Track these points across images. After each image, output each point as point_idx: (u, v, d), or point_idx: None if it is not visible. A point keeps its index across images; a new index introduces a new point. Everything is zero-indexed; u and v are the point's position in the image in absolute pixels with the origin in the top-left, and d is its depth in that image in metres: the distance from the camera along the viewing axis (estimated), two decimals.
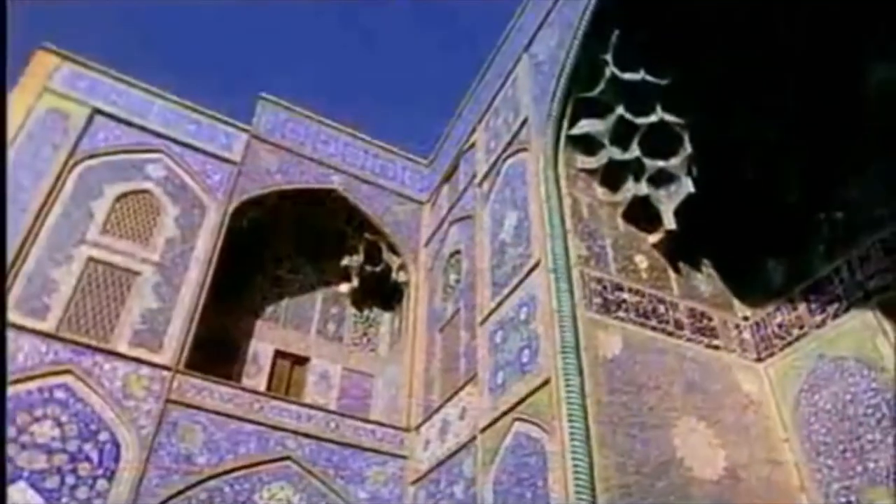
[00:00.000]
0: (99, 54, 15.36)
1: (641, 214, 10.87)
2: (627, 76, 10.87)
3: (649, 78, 10.86)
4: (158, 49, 37.01)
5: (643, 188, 10.85)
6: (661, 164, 10.95)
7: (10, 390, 10.37)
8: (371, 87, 42.84)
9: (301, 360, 15.86)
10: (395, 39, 41.26)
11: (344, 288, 17.00)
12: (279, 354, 15.64)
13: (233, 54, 40.75)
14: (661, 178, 10.92)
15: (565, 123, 11.14)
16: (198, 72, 36.05)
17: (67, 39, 19.16)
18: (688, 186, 10.78)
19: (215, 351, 14.28)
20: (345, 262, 16.83)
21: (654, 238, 10.84)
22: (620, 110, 10.94)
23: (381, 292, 16.88)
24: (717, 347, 10.34)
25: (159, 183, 14.48)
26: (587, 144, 11.20)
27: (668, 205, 10.81)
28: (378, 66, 42.48)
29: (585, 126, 11.14)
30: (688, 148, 10.88)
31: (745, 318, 11.07)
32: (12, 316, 11.10)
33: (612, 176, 11.04)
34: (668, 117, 10.93)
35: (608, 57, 10.82)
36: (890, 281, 9.16)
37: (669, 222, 10.68)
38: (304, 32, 40.28)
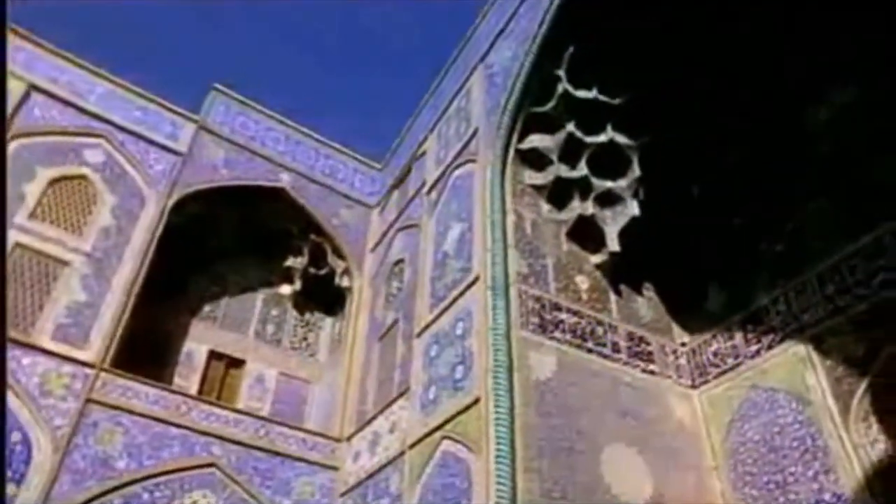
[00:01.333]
0: (44, 28, 14.63)
1: (586, 234, 10.76)
2: (580, 93, 10.76)
3: (602, 97, 10.77)
4: (115, 33, 35.89)
5: (589, 208, 10.74)
6: (608, 184, 10.87)
7: None
8: (328, 86, 42.31)
9: (237, 363, 15.36)
10: (357, 40, 40.84)
11: (286, 290, 16.57)
12: (214, 355, 15.14)
13: (189, 45, 39.77)
14: (608, 199, 10.85)
15: (515, 137, 10.98)
16: (152, 58, 34.93)
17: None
18: (633, 209, 10.72)
19: (146, 349, 13.72)
20: (288, 263, 16.41)
21: (597, 259, 10.74)
22: (571, 127, 10.83)
23: (324, 296, 16.47)
24: (652, 372, 10.27)
25: (97, 169, 13.85)
26: (536, 160, 11.05)
27: (612, 226, 10.74)
28: (337, 65, 41.95)
29: (535, 141, 11.00)
30: (636, 170, 10.83)
31: (683, 344, 11.05)
32: None
33: (558, 193, 10.90)
34: (619, 138, 10.87)
35: (562, 72, 10.71)
36: (822, 315, 9.22)
37: (613, 244, 10.60)
38: (266, 32, 39.69)
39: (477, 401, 8.50)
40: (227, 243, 16.40)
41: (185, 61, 38.69)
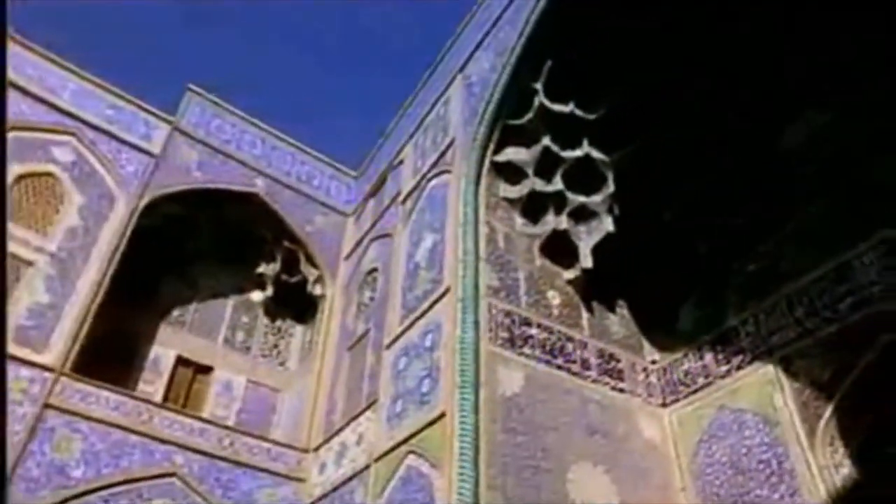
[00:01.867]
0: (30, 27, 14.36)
1: (559, 249, 10.68)
2: (557, 107, 10.72)
3: (578, 111, 10.74)
4: (101, 33, 35.43)
5: (563, 222, 10.67)
6: (583, 199, 10.81)
7: None
8: (308, 92, 42.10)
9: (204, 369, 15.04)
10: (339, 48, 40.74)
11: (257, 296, 16.29)
12: (181, 361, 14.79)
13: (179, 47, 39.38)
14: (582, 214, 10.79)
15: (491, 149, 10.90)
16: (128, 59, 34.39)
17: None
18: (607, 224, 10.67)
19: (111, 353, 13.36)
20: (261, 269, 16.14)
21: (569, 274, 10.65)
22: (547, 141, 10.77)
23: (296, 304, 16.21)
24: (622, 390, 10.19)
25: (66, 167, 13.52)
26: (511, 173, 10.97)
27: (586, 241, 10.67)
28: (318, 72, 41.78)
29: (510, 154, 10.93)
30: (611, 186, 10.79)
31: (654, 362, 10.99)
32: None
33: (532, 207, 10.83)
34: (595, 153, 10.83)
35: (539, 86, 10.66)
36: (791, 337, 9.22)
37: (586, 259, 10.53)
38: (263, 33, 39.45)
39: (442, 416, 8.35)
40: (200, 247, 16.11)
41: (177, 65, 38.27)
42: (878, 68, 9.37)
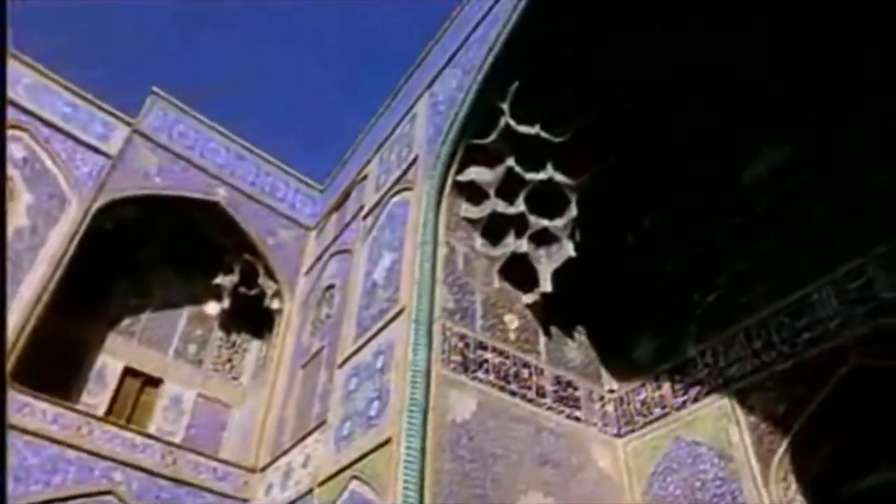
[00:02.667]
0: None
1: (519, 273, 10.47)
2: (522, 129, 10.56)
3: (544, 134, 10.59)
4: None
5: (524, 245, 10.48)
6: (545, 222, 10.64)
7: None
8: (279, 105, 41.75)
9: (153, 382, 14.53)
10: (311, 63, 40.55)
11: (213, 308, 15.83)
12: (129, 372, 14.27)
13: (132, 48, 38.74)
14: (544, 238, 10.61)
15: (454, 168, 10.69)
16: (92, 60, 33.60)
17: None
18: (569, 250, 10.50)
19: (54, 362, 12.83)
20: (218, 280, 15.70)
21: (528, 298, 10.44)
22: (511, 162, 10.61)
23: (253, 318, 15.80)
24: (578, 419, 9.96)
25: (17, 165, 13.03)
26: (473, 193, 10.77)
27: (547, 266, 10.49)
28: (291, 86, 41.51)
29: (473, 174, 10.74)
30: (574, 210, 10.64)
31: (611, 391, 10.79)
32: None
33: (493, 228, 10.62)
34: (558, 176, 10.68)
35: (505, 106, 10.51)
36: (748, 370, 9.11)
37: (546, 284, 10.33)
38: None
39: (388, 441, 8.03)
40: (156, 255, 15.67)
41: (154, 68, 37.64)
42: (827, 104, 9.41)
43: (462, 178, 10.73)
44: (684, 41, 9.84)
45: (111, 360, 14.19)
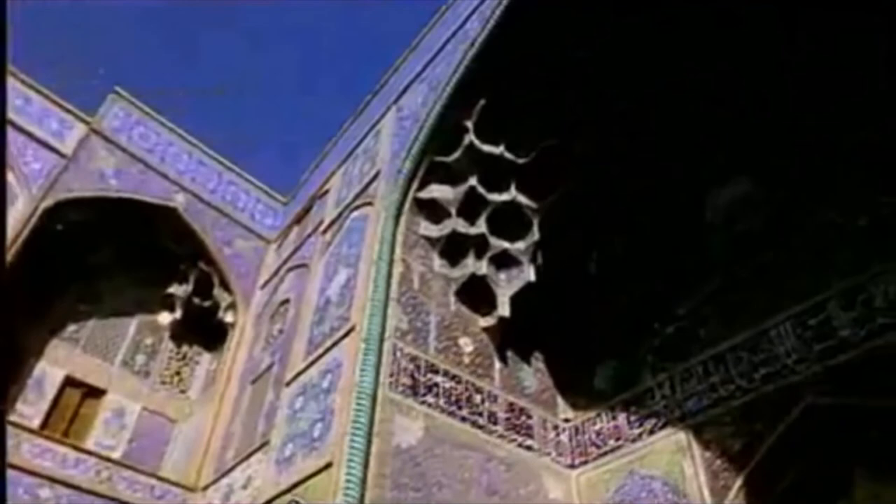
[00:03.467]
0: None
1: (477, 295, 10.18)
2: (487, 148, 10.35)
3: (508, 154, 10.39)
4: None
5: (483, 267, 10.22)
6: (506, 245, 10.40)
7: None
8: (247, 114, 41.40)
9: (95, 392, 13.86)
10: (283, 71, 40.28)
11: (165, 318, 15.26)
12: (70, 382, 13.59)
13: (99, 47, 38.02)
14: (504, 261, 10.37)
15: (415, 184, 10.43)
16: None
17: None
18: (529, 274, 10.26)
19: None
20: (171, 289, 15.16)
21: (485, 322, 10.15)
22: (474, 181, 10.38)
23: (205, 330, 15.25)
24: (530, 448, 9.64)
25: None
26: (433, 210, 10.50)
27: (505, 289, 10.23)
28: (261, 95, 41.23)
29: (435, 191, 10.48)
30: (536, 234, 10.43)
31: (567, 420, 10.51)
32: None
33: (453, 248, 10.33)
34: (521, 198, 10.48)
35: (470, 124, 10.30)
36: (705, 404, 8.92)
37: (504, 308, 10.06)
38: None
39: (329, 465, 7.63)
40: (107, 260, 15.06)
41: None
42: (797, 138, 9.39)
43: (423, 194, 10.46)
44: (650, 66, 9.77)
45: (51, 368, 13.51)
